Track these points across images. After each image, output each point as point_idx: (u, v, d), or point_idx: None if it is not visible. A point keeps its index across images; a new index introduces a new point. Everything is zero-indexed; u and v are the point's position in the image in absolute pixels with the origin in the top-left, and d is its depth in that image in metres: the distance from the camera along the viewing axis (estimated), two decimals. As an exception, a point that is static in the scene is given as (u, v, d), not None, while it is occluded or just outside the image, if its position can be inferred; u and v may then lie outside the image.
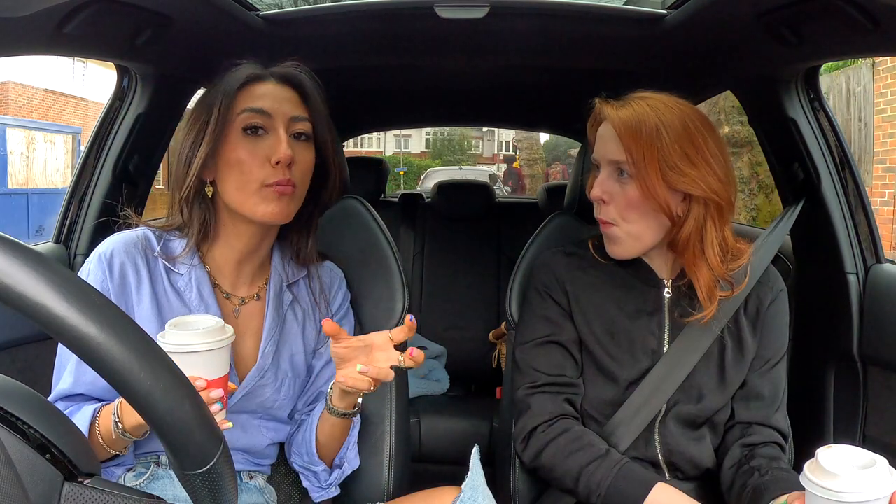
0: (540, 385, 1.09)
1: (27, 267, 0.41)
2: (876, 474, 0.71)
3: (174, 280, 0.99)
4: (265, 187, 0.94)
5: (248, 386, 1.02)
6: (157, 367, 0.45)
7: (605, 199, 1.04)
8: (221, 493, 0.51)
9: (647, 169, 0.98)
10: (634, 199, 1.01)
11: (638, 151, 0.99)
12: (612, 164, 1.04)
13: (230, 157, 0.95)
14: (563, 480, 1.03)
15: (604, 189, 1.04)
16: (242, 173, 0.95)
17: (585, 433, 1.05)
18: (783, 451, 1.08)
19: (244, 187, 0.95)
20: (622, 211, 1.03)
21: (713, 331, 1.06)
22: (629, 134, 0.99)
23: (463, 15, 1.22)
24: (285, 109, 0.98)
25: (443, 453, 2.10)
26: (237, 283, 1.05)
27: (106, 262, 0.95)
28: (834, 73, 6.31)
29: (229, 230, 1.01)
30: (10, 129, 9.53)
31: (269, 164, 0.94)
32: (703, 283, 1.02)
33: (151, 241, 0.99)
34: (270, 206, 0.95)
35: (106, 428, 0.85)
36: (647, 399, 1.05)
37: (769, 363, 1.09)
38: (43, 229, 9.32)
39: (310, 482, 1.09)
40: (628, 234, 1.04)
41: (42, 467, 0.51)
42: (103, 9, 1.01)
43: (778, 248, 1.21)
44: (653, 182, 0.98)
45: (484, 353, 2.37)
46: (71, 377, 0.93)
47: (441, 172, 13.21)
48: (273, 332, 1.04)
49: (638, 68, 1.56)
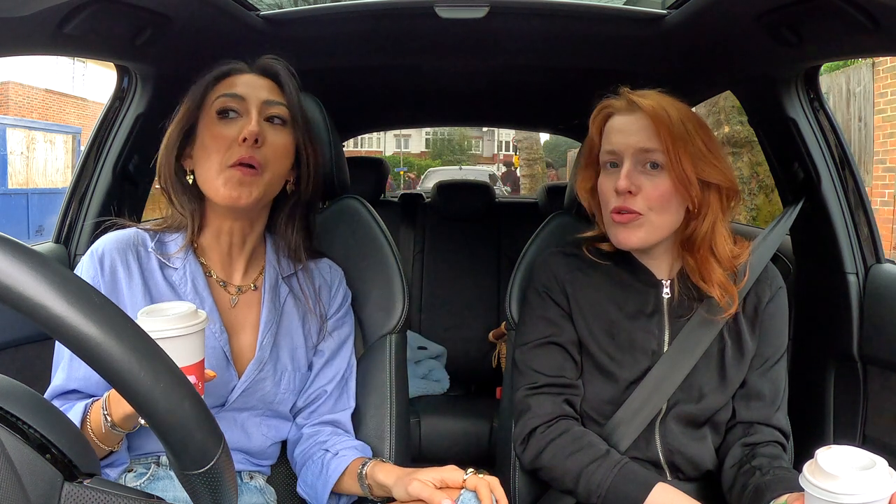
0: (540, 386, 1.09)
1: (27, 267, 0.41)
2: (875, 476, 0.71)
3: (168, 275, 1.00)
4: (229, 168, 0.94)
5: (247, 380, 1.01)
6: (157, 367, 0.45)
7: (633, 191, 1.01)
8: (221, 493, 0.51)
9: (683, 157, 0.98)
10: (666, 190, 1.00)
11: (672, 139, 0.98)
12: (639, 155, 1.02)
13: (203, 140, 0.97)
14: (563, 481, 1.03)
15: (632, 181, 1.01)
16: (209, 155, 0.95)
17: (585, 433, 1.05)
18: (784, 450, 1.07)
19: (211, 168, 0.95)
20: (651, 202, 1.01)
21: (711, 331, 1.06)
22: (661, 122, 0.99)
23: (463, 15, 1.22)
24: (259, 94, 0.99)
25: (443, 453, 2.10)
26: (230, 273, 1.05)
27: (97, 259, 0.97)
28: (834, 73, 6.31)
29: (213, 219, 1.02)
30: (10, 129, 9.53)
31: (236, 144, 0.95)
32: (716, 281, 1.03)
33: (145, 239, 1.01)
34: (232, 189, 0.94)
35: (97, 423, 0.85)
36: (647, 399, 1.05)
37: (769, 362, 1.09)
38: (43, 229, 9.32)
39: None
40: (651, 224, 1.02)
41: (42, 467, 0.51)
42: (103, 9, 1.01)
43: (777, 246, 1.21)
44: (687, 171, 0.98)
45: (484, 354, 2.37)
46: (64, 373, 0.94)
47: (441, 172, 13.22)
48: (270, 323, 1.04)
49: (638, 68, 1.56)
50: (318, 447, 1.07)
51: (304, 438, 1.10)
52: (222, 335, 1.00)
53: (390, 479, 0.96)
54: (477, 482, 0.88)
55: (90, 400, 0.90)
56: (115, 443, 0.89)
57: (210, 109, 0.98)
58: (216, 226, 1.03)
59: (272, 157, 0.97)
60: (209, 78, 1.00)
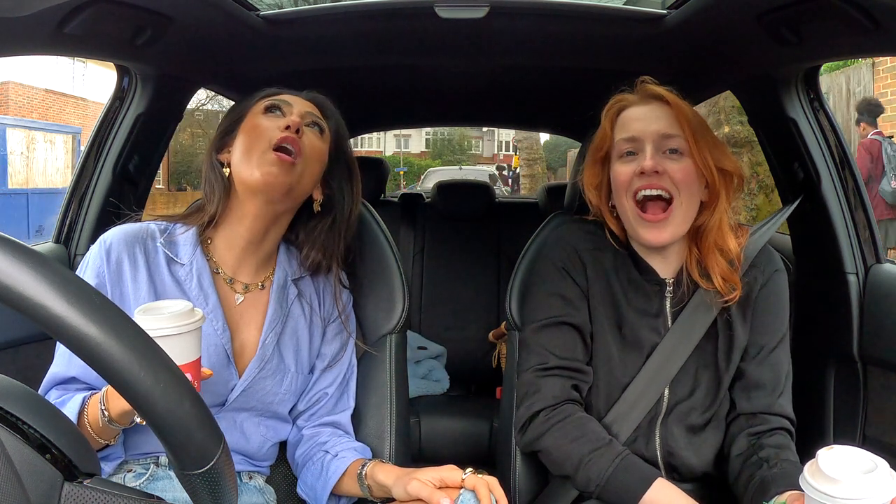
0: (551, 367, 1.06)
1: (27, 267, 0.41)
2: (877, 479, 0.69)
3: (175, 270, 1.00)
4: (269, 151, 0.97)
5: (248, 378, 1.01)
6: (157, 366, 0.45)
7: (659, 171, 1.02)
8: (221, 493, 0.51)
9: (701, 144, 1.02)
10: (690, 172, 1.02)
11: (690, 127, 1.02)
12: (661, 141, 1.03)
13: (246, 129, 1.02)
14: (563, 466, 1.02)
15: (657, 161, 1.02)
16: (252, 138, 1.00)
17: (589, 420, 1.04)
18: (791, 436, 1.06)
19: (251, 149, 0.99)
20: (678, 182, 1.02)
21: (705, 322, 1.06)
22: (681, 111, 1.03)
23: (463, 15, 1.22)
24: (304, 107, 1.06)
25: (443, 453, 2.10)
26: (240, 271, 1.05)
27: (105, 249, 0.98)
28: (834, 73, 6.32)
29: (235, 213, 1.03)
30: (10, 129, 9.53)
31: (278, 131, 0.99)
32: (718, 271, 1.04)
33: (154, 233, 1.01)
34: (268, 168, 0.96)
35: (94, 416, 0.86)
36: (644, 390, 1.05)
37: (765, 349, 1.07)
38: (43, 229, 9.32)
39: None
40: (677, 218, 1.03)
41: (42, 467, 0.51)
42: (103, 9, 1.01)
43: (770, 235, 1.20)
44: (706, 157, 1.02)
45: (484, 353, 2.36)
46: (63, 359, 0.95)
47: (441, 172, 13.21)
48: (275, 322, 1.04)
49: (638, 68, 1.55)
50: (319, 448, 1.07)
51: (305, 440, 1.10)
52: (224, 333, 1.00)
53: (390, 480, 0.96)
54: (476, 481, 0.88)
55: (88, 393, 0.91)
56: (112, 437, 0.89)
57: (257, 107, 1.04)
58: (234, 221, 1.03)
59: (308, 152, 1.01)
60: (259, 94, 1.08)
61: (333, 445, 1.07)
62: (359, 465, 1.02)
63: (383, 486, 0.97)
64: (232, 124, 1.05)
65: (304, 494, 1.09)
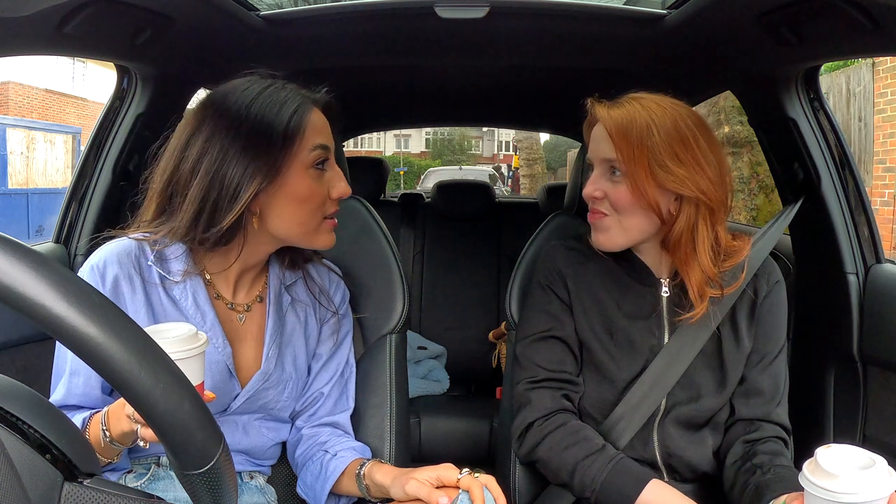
0: (540, 380, 1.09)
1: (27, 267, 0.41)
2: (875, 475, 0.71)
3: (169, 288, 0.97)
4: (326, 220, 0.99)
5: (251, 390, 1.01)
6: (157, 367, 0.45)
7: (598, 196, 1.05)
8: (221, 493, 0.51)
9: (637, 167, 1.00)
10: (625, 197, 1.03)
11: (628, 150, 1.00)
12: (604, 164, 1.05)
13: (294, 191, 0.94)
14: (559, 474, 1.04)
15: (597, 187, 1.05)
16: (306, 210, 0.96)
17: (582, 427, 1.05)
18: (786, 445, 1.07)
19: (307, 222, 0.97)
20: (614, 206, 1.05)
21: (710, 325, 1.06)
22: (619, 133, 1.01)
23: (463, 15, 1.22)
24: (329, 138, 1.00)
25: (443, 453, 2.10)
26: (237, 290, 1.04)
27: (99, 273, 0.93)
28: (834, 73, 6.31)
29: (248, 249, 0.99)
30: (10, 129, 9.52)
31: (329, 199, 0.99)
32: (694, 282, 1.03)
33: (145, 250, 0.97)
34: (327, 236, 1.01)
35: (95, 436, 0.85)
36: (646, 394, 1.05)
37: (767, 357, 1.08)
38: (43, 229, 9.32)
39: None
40: (618, 224, 1.05)
41: (42, 467, 0.51)
42: (103, 9, 1.01)
43: (775, 242, 1.20)
44: (642, 181, 1.00)
45: (484, 353, 2.37)
46: (63, 389, 0.93)
47: (441, 172, 13.21)
48: (275, 336, 1.04)
49: (638, 68, 1.56)
50: (318, 448, 1.07)
51: (304, 440, 1.10)
52: (225, 349, 0.99)
53: (387, 480, 0.96)
54: (470, 482, 0.87)
55: (90, 412, 0.89)
56: (114, 455, 0.88)
57: (302, 159, 0.94)
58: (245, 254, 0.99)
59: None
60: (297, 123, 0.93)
61: (333, 445, 1.07)
62: (357, 464, 1.02)
63: (381, 487, 0.97)
64: (274, 176, 0.92)
65: (303, 494, 1.09)
